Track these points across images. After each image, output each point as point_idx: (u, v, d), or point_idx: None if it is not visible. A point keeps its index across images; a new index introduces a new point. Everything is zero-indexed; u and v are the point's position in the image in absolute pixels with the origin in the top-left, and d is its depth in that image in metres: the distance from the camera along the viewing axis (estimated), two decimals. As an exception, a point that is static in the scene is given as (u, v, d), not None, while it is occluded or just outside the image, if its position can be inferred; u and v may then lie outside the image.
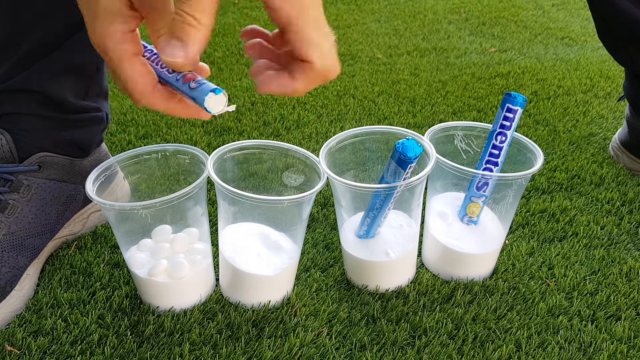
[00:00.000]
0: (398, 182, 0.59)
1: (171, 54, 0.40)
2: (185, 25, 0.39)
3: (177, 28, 0.40)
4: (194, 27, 0.40)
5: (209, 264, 0.67)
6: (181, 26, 0.39)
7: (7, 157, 0.69)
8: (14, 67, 0.67)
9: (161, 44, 0.41)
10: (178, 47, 0.40)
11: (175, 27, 0.40)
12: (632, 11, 0.83)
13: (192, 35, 0.40)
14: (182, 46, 0.40)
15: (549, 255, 0.74)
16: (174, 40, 0.40)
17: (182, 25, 0.39)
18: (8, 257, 0.67)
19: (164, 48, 0.41)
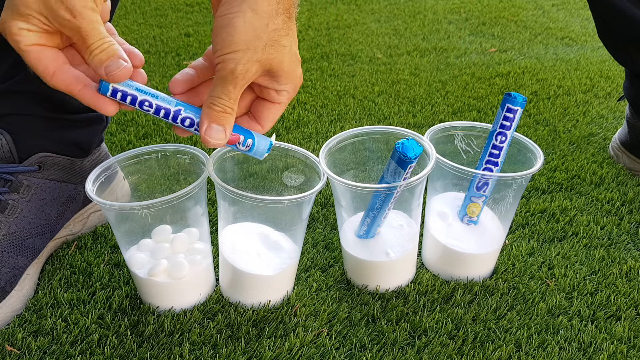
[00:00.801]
0: (398, 182, 0.59)
1: (216, 137, 0.51)
2: (224, 114, 0.51)
3: (218, 117, 0.51)
4: (230, 115, 0.51)
5: (209, 264, 0.67)
6: (221, 115, 0.51)
7: (7, 157, 0.69)
8: (13, 67, 0.67)
9: (205, 129, 0.51)
10: (221, 132, 0.51)
11: (216, 116, 0.51)
12: (632, 11, 0.83)
13: (229, 121, 0.51)
14: (223, 130, 0.51)
15: (549, 255, 0.74)
16: (216, 125, 0.51)
17: (222, 114, 0.51)
18: (8, 257, 0.67)
19: (209, 132, 0.51)
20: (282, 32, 0.50)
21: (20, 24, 0.46)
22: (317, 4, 1.84)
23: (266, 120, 0.55)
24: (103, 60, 0.48)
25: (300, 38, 1.54)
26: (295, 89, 0.55)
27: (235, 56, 0.48)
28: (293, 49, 0.52)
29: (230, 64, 0.48)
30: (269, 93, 0.54)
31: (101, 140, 0.79)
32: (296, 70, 0.53)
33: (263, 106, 0.55)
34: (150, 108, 0.51)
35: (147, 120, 1.08)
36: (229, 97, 0.50)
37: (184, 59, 1.38)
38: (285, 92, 0.54)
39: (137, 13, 1.70)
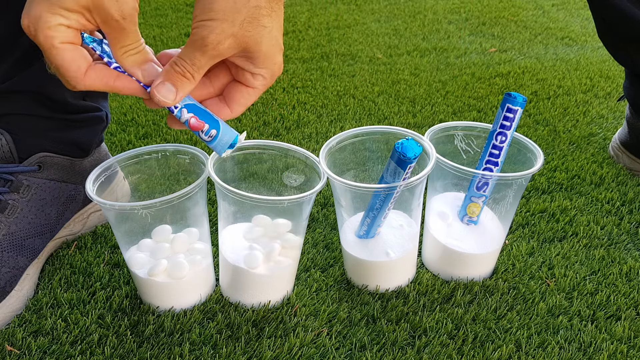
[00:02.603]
0: (398, 182, 0.59)
1: (164, 95, 0.49)
2: (181, 76, 0.49)
3: (174, 77, 0.49)
4: (187, 80, 0.49)
5: (209, 264, 0.67)
6: (178, 77, 0.49)
7: (7, 157, 0.69)
8: (13, 67, 0.67)
9: (157, 85, 0.49)
10: (172, 92, 0.49)
11: (172, 75, 0.49)
12: (632, 11, 0.83)
13: (184, 86, 0.50)
14: (174, 91, 0.49)
15: (549, 255, 0.74)
16: (169, 84, 0.49)
17: (179, 76, 0.49)
18: (8, 257, 0.67)
19: (159, 88, 0.49)
20: (264, 11, 0.48)
21: (59, 19, 0.44)
22: (317, 4, 1.84)
23: (236, 104, 0.54)
24: (138, 61, 0.48)
25: (300, 38, 1.54)
26: (273, 76, 0.53)
27: (210, 24, 0.47)
28: (274, 32, 0.50)
29: (204, 31, 0.47)
30: (244, 75, 0.52)
31: (101, 140, 0.79)
32: (275, 56, 0.51)
33: (236, 89, 0.53)
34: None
35: (147, 120, 1.08)
36: (192, 63, 0.48)
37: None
38: (261, 77, 0.52)
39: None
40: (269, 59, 0.51)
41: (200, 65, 0.49)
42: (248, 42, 0.48)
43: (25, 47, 0.66)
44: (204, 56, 0.48)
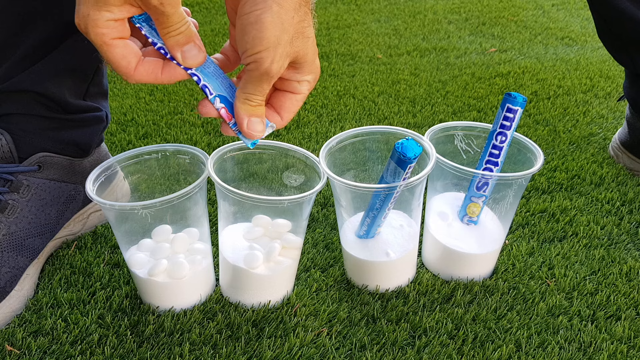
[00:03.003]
0: (398, 182, 0.59)
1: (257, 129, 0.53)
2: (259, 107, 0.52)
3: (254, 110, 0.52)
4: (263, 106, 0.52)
5: (209, 264, 0.67)
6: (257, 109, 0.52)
7: (7, 157, 0.69)
8: (13, 67, 0.67)
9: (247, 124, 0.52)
10: (259, 123, 0.52)
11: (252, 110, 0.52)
12: (632, 11, 0.83)
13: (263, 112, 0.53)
14: (260, 121, 0.52)
15: (549, 255, 0.74)
16: (254, 118, 0.52)
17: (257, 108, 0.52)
18: (8, 257, 0.67)
19: (250, 125, 0.52)
20: (306, 23, 0.50)
21: (106, 15, 0.45)
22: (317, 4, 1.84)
23: (287, 112, 0.55)
24: (181, 42, 0.48)
25: (300, 38, 1.54)
26: (316, 79, 0.55)
27: (267, 54, 0.48)
28: (314, 39, 0.52)
29: (265, 63, 0.48)
30: (290, 84, 0.54)
31: (101, 140, 0.79)
32: (316, 60, 0.53)
33: (284, 97, 0.55)
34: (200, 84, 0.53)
35: (147, 120, 1.08)
36: (262, 93, 0.51)
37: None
38: (307, 82, 0.54)
39: (137, 13, 1.70)
40: (313, 65, 0.53)
41: (267, 92, 0.52)
42: (297, 55, 0.50)
43: (25, 47, 0.66)
44: (269, 84, 0.50)
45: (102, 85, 0.76)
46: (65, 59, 0.68)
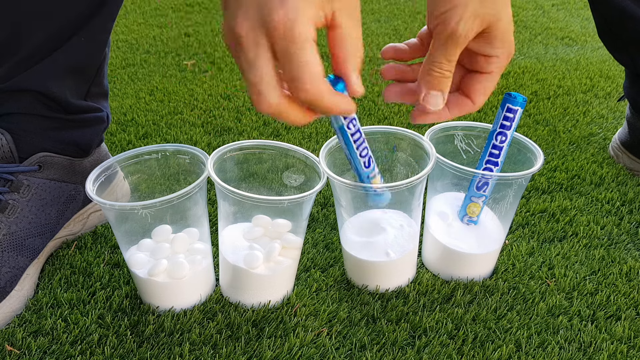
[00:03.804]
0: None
1: (435, 104, 0.49)
2: (442, 78, 0.48)
3: (436, 82, 0.48)
4: (447, 79, 0.48)
5: (209, 264, 0.67)
6: (440, 80, 0.48)
7: (7, 157, 0.69)
8: (15, 66, 0.67)
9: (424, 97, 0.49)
10: (439, 97, 0.49)
11: (434, 82, 0.48)
12: (633, 10, 0.83)
13: (446, 85, 0.49)
14: (441, 95, 0.49)
15: (549, 255, 0.74)
16: (434, 92, 0.48)
17: (441, 79, 0.48)
18: (8, 257, 0.67)
19: (427, 99, 0.49)
20: None
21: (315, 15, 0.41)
22: (317, 4, 1.84)
23: (477, 94, 0.51)
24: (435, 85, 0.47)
25: (300, 38, 1.54)
26: (509, 56, 0.49)
27: (455, 13, 0.44)
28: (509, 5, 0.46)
29: (452, 22, 0.44)
30: (478, 61, 0.49)
31: (101, 141, 0.79)
32: (511, 33, 0.48)
33: (473, 79, 0.50)
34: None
35: (147, 120, 1.08)
36: (448, 59, 0.46)
37: (184, 59, 1.38)
38: (497, 58, 0.48)
39: (137, 13, 1.70)
40: (506, 37, 0.47)
41: (454, 60, 0.47)
42: (490, 19, 0.45)
43: (28, 47, 0.66)
44: (457, 48, 0.46)
45: (103, 86, 0.76)
46: (67, 59, 0.68)
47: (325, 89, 0.43)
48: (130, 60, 1.38)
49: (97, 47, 0.71)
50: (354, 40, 0.43)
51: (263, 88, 0.42)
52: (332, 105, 0.44)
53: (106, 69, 0.76)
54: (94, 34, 0.69)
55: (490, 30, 0.46)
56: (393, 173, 0.71)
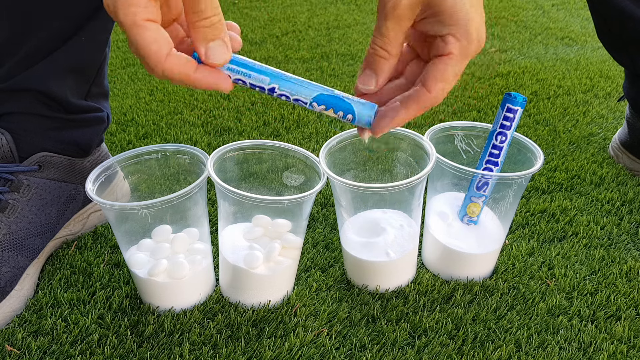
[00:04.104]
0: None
1: (365, 82, 0.46)
2: (377, 57, 0.45)
3: (370, 59, 0.45)
4: (384, 59, 0.45)
5: (209, 264, 0.67)
6: (374, 58, 0.45)
7: (7, 156, 0.69)
8: (15, 66, 0.67)
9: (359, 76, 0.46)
10: (371, 77, 0.46)
11: (368, 59, 0.45)
12: (632, 10, 0.83)
13: (380, 66, 0.46)
14: (374, 76, 0.46)
15: (549, 255, 0.74)
16: (368, 70, 0.46)
17: (375, 57, 0.45)
18: (8, 256, 0.67)
19: (360, 77, 0.46)
20: None
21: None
22: (317, 4, 1.84)
23: (433, 80, 0.45)
24: (208, 37, 0.42)
25: (300, 38, 1.54)
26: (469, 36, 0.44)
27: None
28: None
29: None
30: (436, 45, 0.45)
31: (101, 141, 0.79)
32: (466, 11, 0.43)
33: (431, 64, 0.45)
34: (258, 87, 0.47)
35: (147, 120, 1.08)
36: (382, 33, 0.43)
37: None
38: (452, 37, 0.44)
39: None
40: (457, 12, 0.43)
41: (390, 36, 0.43)
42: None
43: (28, 46, 0.66)
44: (389, 21, 0.43)
45: (104, 86, 0.76)
46: (67, 58, 0.68)
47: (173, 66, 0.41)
48: (130, 60, 1.38)
49: (97, 47, 0.71)
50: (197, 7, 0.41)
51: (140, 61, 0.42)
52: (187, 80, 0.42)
53: (106, 69, 0.76)
54: (94, 34, 0.69)
55: (434, 6, 0.43)
56: (393, 173, 0.71)
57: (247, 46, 1.49)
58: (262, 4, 1.85)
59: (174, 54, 0.42)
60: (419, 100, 0.46)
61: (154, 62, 0.41)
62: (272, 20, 1.68)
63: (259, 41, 1.52)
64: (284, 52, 1.44)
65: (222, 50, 0.43)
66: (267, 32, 1.59)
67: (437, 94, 0.45)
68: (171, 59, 0.41)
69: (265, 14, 1.74)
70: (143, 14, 0.40)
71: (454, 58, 0.45)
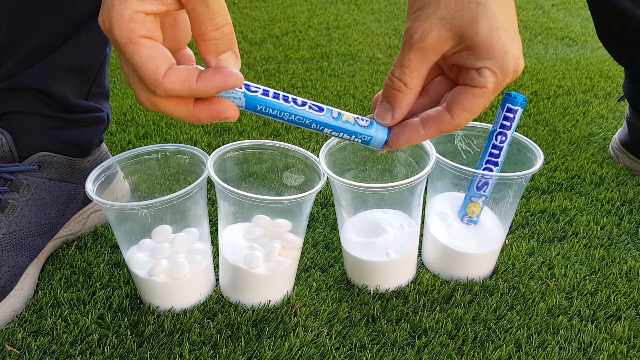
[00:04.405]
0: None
1: (382, 115, 0.44)
2: (394, 90, 0.43)
3: (388, 93, 0.44)
4: (402, 93, 0.43)
5: (209, 264, 0.67)
6: (391, 92, 0.43)
7: (7, 156, 0.69)
8: (16, 65, 0.67)
9: (376, 107, 0.44)
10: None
11: (386, 92, 0.44)
12: (632, 10, 0.83)
13: (399, 100, 0.44)
14: (390, 110, 0.44)
15: (549, 255, 0.74)
16: (385, 103, 0.44)
17: (392, 90, 0.43)
18: (8, 256, 0.67)
19: (376, 110, 0.44)
20: None
21: (135, 5, 0.36)
22: (317, 4, 1.84)
23: (458, 107, 0.43)
24: (219, 49, 0.39)
25: (300, 38, 1.54)
26: (505, 69, 0.41)
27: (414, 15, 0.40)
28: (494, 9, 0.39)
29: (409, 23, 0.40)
30: (470, 75, 0.42)
31: (101, 140, 0.79)
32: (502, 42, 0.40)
33: (460, 90, 0.43)
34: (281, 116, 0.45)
35: (147, 120, 1.08)
36: (402, 65, 0.41)
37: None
38: (488, 70, 0.41)
39: (137, 13, 1.70)
40: (493, 45, 0.40)
41: (411, 67, 0.41)
42: (462, 25, 0.39)
43: (29, 46, 0.66)
44: (412, 53, 0.40)
45: (104, 86, 0.76)
46: (67, 58, 0.68)
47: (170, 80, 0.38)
48: (130, 60, 1.38)
49: (97, 47, 0.71)
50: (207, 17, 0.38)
51: (134, 87, 0.39)
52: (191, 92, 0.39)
53: (107, 69, 0.76)
54: (95, 33, 0.69)
55: (468, 38, 0.40)
56: (393, 173, 0.71)
57: (247, 46, 1.49)
58: (262, 4, 1.85)
59: (174, 69, 0.38)
60: (440, 124, 0.44)
61: (152, 81, 0.38)
62: (272, 20, 1.69)
63: (259, 41, 1.52)
64: (284, 52, 1.44)
65: (234, 61, 0.41)
66: (267, 32, 1.59)
67: (461, 123, 0.44)
68: (170, 75, 0.38)
69: (265, 14, 1.74)
70: (140, 30, 0.37)
71: (487, 92, 0.42)
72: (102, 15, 0.37)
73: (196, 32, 0.39)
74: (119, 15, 0.36)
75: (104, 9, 0.37)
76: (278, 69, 1.34)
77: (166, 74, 0.38)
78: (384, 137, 0.46)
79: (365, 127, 0.46)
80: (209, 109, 0.41)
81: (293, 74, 1.31)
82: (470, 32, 0.40)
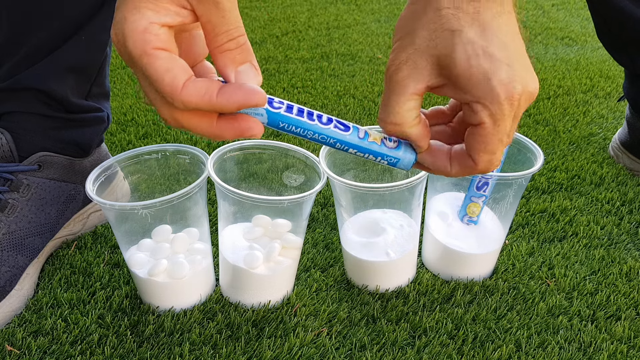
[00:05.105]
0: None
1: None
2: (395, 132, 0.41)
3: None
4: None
5: (209, 264, 0.67)
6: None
7: (7, 156, 0.69)
8: (16, 65, 0.67)
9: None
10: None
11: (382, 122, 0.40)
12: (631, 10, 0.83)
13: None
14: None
15: (549, 255, 0.74)
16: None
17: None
18: (8, 256, 0.67)
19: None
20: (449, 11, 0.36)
21: (147, 14, 0.35)
22: (317, 4, 1.84)
23: (475, 152, 0.39)
24: (237, 60, 0.37)
25: (300, 38, 1.54)
26: (496, 98, 0.37)
27: (395, 47, 0.37)
28: (471, 35, 0.36)
29: (393, 55, 0.37)
30: (465, 111, 0.39)
31: (101, 141, 0.79)
32: (483, 68, 0.36)
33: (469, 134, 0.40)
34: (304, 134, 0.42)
35: (147, 120, 1.08)
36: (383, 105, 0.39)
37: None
38: (477, 104, 0.37)
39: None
40: (474, 75, 0.37)
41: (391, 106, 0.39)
42: (438, 55, 0.37)
43: (29, 46, 0.66)
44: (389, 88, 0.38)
45: (104, 86, 0.76)
46: (68, 58, 0.68)
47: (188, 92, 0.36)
48: (130, 60, 1.38)
49: (97, 47, 0.71)
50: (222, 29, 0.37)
51: (155, 104, 0.38)
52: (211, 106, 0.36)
53: (108, 69, 0.76)
54: (95, 33, 0.69)
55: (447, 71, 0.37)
56: (393, 173, 0.71)
57: (247, 46, 1.49)
58: (262, 4, 1.85)
59: (193, 81, 0.36)
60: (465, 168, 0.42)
61: (169, 93, 0.35)
62: (272, 20, 1.69)
63: (259, 41, 1.52)
64: (284, 52, 1.44)
65: (253, 74, 0.38)
66: (267, 32, 1.59)
67: (485, 166, 0.40)
68: (189, 86, 0.36)
69: (265, 14, 1.74)
70: (154, 42, 0.35)
71: (487, 128, 0.38)
72: (114, 29, 0.36)
73: (212, 44, 0.37)
74: (132, 27, 0.35)
75: (116, 22, 0.35)
76: (278, 69, 1.34)
77: (185, 85, 0.36)
78: (412, 160, 0.44)
79: (392, 149, 0.44)
80: (234, 126, 0.38)
81: (293, 74, 1.31)
82: (448, 62, 0.37)
